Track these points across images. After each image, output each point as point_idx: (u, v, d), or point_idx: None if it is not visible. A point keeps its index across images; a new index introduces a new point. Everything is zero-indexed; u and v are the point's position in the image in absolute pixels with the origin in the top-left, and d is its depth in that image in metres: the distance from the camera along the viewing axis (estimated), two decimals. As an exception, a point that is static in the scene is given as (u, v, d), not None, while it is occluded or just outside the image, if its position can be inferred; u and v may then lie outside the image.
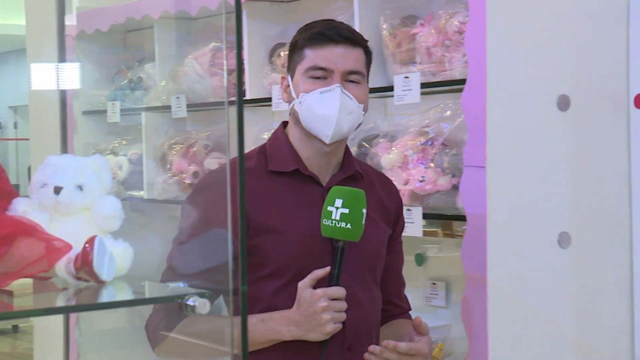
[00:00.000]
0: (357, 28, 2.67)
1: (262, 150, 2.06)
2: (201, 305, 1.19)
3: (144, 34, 3.79)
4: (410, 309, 2.22)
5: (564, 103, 2.32)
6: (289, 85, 2.02)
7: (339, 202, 1.87)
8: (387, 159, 2.61)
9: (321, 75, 1.96)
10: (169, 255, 1.97)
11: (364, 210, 1.89)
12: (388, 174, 2.41)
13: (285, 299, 1.93)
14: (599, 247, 2.39)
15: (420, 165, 2.56)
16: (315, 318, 1.86)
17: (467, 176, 2.24)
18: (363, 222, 1.89)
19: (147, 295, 1.37)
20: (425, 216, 2.55)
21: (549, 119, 2.30)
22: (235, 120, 1.22)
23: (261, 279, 1.96)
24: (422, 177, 2.53)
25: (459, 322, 2.33)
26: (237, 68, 1.19)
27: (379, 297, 2.09)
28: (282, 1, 3.23)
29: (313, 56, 1.96)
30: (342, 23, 2.04)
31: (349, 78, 1.97)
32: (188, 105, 3.42)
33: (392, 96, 2.57)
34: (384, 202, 2.11)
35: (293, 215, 1.98)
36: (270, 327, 1.91)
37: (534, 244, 2.30)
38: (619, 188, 2.43)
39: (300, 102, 1.96)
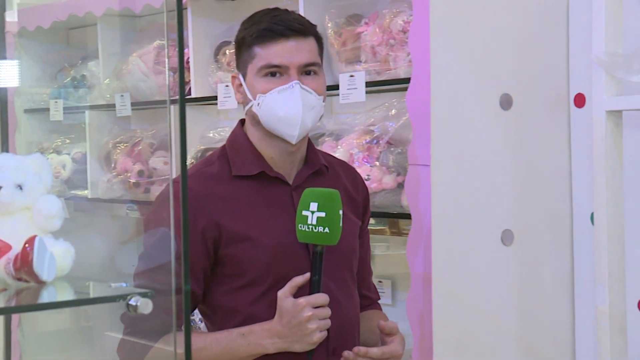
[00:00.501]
0: (302, 27, 2.67)
1: (223, 154, 1.97)
2: (143, 304, 1.18)
3: (87, 32, 3.75)
4: (379, 298, 2.17)
5: (506, 102, 2.35)
6: (241, 85, 1.93)
7: (314, 206, 1.79)
8: (332, 157, 2.62)
9: (276, 72, 1.87)
10: (135, 272, 1.87)
11: (341, 212, 1.81)
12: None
13: (264, 307, 1.86)
14: (541, 244, 2.43)
15: (366, 163, 2.57)
16: (300, 329, 1.79)
17: (412, 174, 2.26)
18: (341, 225, 1.81)
19: (89, 296, 1.35)
20: (371, 214, 2.56)
21: (492, 117, 2.33)
22: (179, 119, 1.21)
23: (238, 289, 1.89)
24: (368, 175, 2.54)
25: (405, 320, 2.35)
26: (179, 67, 1.18)
27: (357, 294, 2.03)
28: (227, -1, 3.23)
29: (264, 54, 1.87)
30: (287, 12, 1.94)
31: (306, 70, 1.89)
32: (132, 104, 3.39)
33: (338, 95, 2.58)
34: (351, 194, 2.04)
35: (264, 220, 1.90)
36: (251, 341, 1.83)
37: (477, 241, 2.33)
38: (560, 186, 2.48)
39: (259, 104, 1.88)
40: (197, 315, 2.79)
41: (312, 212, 1.78)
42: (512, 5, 2.35)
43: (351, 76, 2.50)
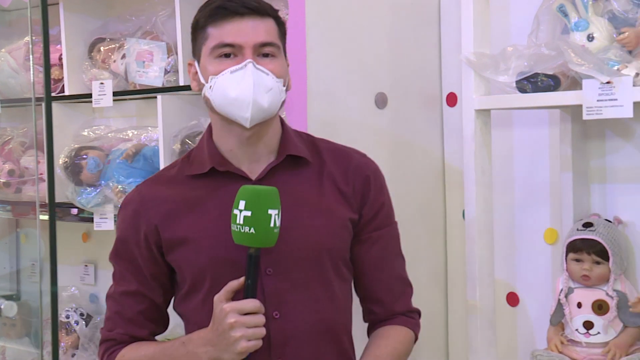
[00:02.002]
0: (178, 23, 2.64)
1: (187, 156, 1.86)
2: (7, 307, 1.14)
3: (-47, 25, 3.60)
4: (407, 310, 1.89)
5: (381, 101, 2.39)
6: (197, 72, 1.79)
7: (242, 204, 1.63)
8: (210, 156, 2.60)
9: (230, 52, 1.73)
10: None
11: (272, 211, 1.63)
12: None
13: (207, 314, 1.71)
14: (415, 240, 2.48)
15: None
16: (225, 337, 1.63)
17: (288, 173, 2.26)
18: (272, 225, 1.63)
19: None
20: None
21: (368, 116, 2.36)
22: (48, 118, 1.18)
23: (185, 296, 1.81)
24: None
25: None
26: (44, 64, 1.15)
27: (337, 294, 1.81)
28: (102, -6, 3.16)
29: (217, 33, 1.73)
30: None
31: (263, 51, 1.74)
32: (2, 101, 3.27)
33: (215, 93, 2.56)
34: (338, 184, 1.83)
35: (209, 221, 1.76)
36: (190, 349, 1.71)
37: (354, 238, 2.35)
38: (434, 183, 2.54)
39: (211, 87, 1.73)
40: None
41: (240, 211, 1.63)
42: (386, 6, 2.39)
43: (229, 74, 2.48)
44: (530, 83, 1.97)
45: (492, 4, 2.16)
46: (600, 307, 2.05)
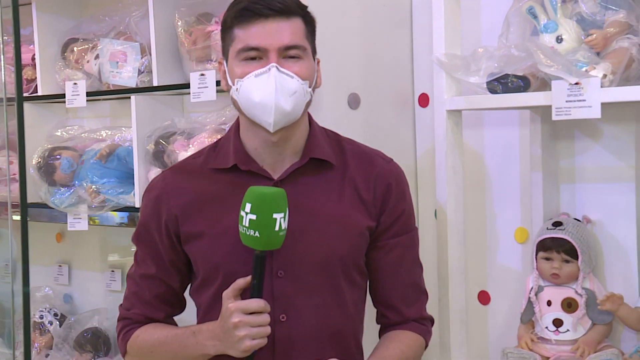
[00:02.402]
0: (151, 24, 2.64)
1: (215, 146, 1.87)
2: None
3: None
4: (420, 317, 1.89)
5: (354, 101, 2.40)
6: (225, 71, 1.79)
7: (248, 207, 1.64)
8: (184, 156, 2.60)
9: (255, 55, 1.73)
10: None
11: (277, 215, 1.64)
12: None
13: (218, 309, 1.73)
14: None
15: (217, 162, 2.57)
16: (230, 335, 1.67)
17: (262, 173, 2.27)
18: (277, 229, 1.64)
19: None
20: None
21: (341, 116, 2.38)
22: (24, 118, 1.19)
23: (198, 287, 1.85)
24: (219, 174, 2.54)
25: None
26: (15, 64, 1.15)
27: (347, 301, 1.81)
28: (75, -6, 3.15)
29: (243, 36, 1.73)
30: None
31: (288, 54, 1.73)
32: (-25, 101, 3.25)
33: (189, 93, 2.56)
34: (360, 191, 1.83)
35: (224, 217, 1.77)
36: (199, 340, 1.75)
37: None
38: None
39: (237, 89, 1.74)
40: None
41: (246, 213, 1.65)
42: (358, 7, 2.41)
43: (202, 75, 2.49)
44: (501, 84, 1.99)
45: (463, 5, 2.18)
46: (569, 305, 2.08)
